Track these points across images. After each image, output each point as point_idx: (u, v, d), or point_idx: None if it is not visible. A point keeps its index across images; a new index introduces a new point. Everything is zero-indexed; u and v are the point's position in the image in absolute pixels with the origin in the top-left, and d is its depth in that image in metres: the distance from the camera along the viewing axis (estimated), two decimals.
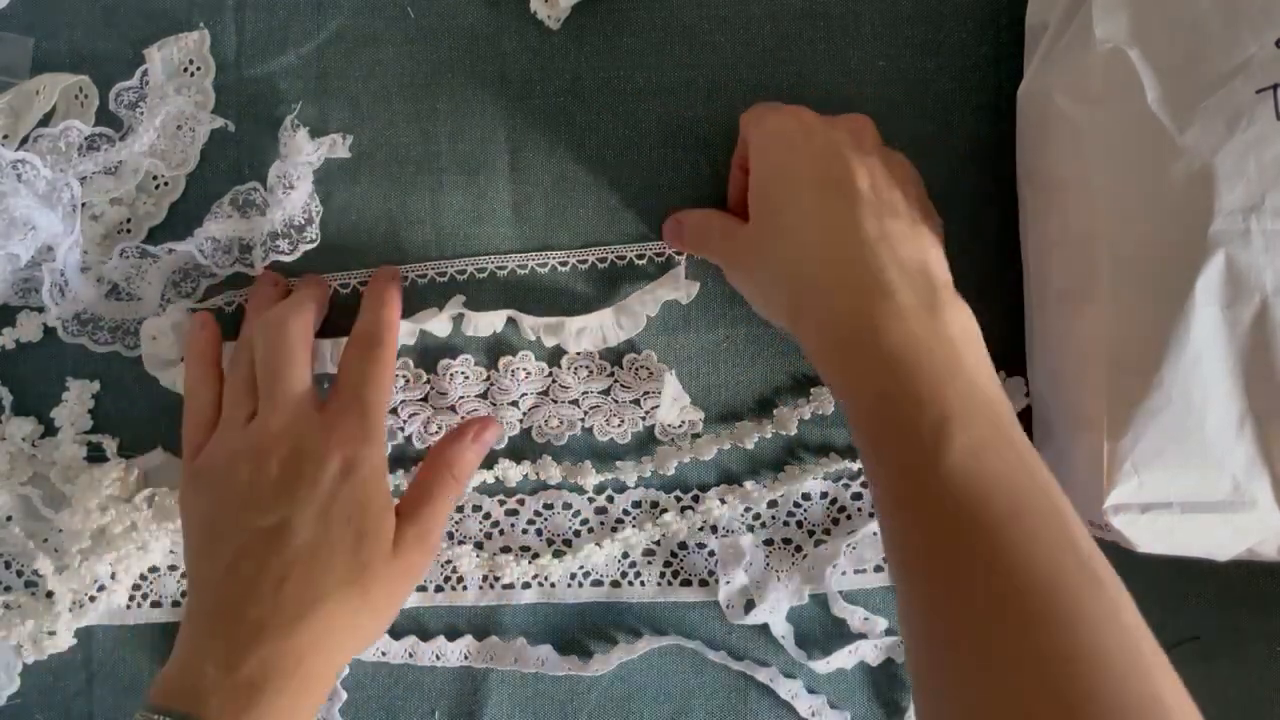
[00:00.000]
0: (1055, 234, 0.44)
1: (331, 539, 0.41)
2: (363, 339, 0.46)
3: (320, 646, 0.40)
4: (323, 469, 0.41)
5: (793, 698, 0.49)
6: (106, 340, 0.50)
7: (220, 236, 0.50)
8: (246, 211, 0.50)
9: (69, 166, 0.49)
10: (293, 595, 0.40)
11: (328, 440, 0.42)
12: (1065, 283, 0.44)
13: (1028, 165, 0.46)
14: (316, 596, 0.40)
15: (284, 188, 0.49)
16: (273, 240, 0.50)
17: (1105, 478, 0.40)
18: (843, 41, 0.50)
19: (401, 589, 0.43)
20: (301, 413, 0.43)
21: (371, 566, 0.41)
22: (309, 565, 0.40)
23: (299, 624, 0.39)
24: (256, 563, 0.40)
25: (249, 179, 0.51)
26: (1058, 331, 0.45)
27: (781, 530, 0.50)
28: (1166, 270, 0.39)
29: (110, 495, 0.49)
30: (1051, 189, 0.44)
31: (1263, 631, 0.49)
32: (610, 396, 0.51)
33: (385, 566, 0.41)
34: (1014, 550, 0.33)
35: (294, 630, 0.39)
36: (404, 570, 0.42)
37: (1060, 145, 0.43)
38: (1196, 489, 0.40)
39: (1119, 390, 0.40)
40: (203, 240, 0.49)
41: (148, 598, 0.51)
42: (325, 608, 0.40)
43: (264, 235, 0.50)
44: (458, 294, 0.50)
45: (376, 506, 0.42)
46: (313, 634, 0.39)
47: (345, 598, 0.40)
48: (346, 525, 0.41)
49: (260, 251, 0.50)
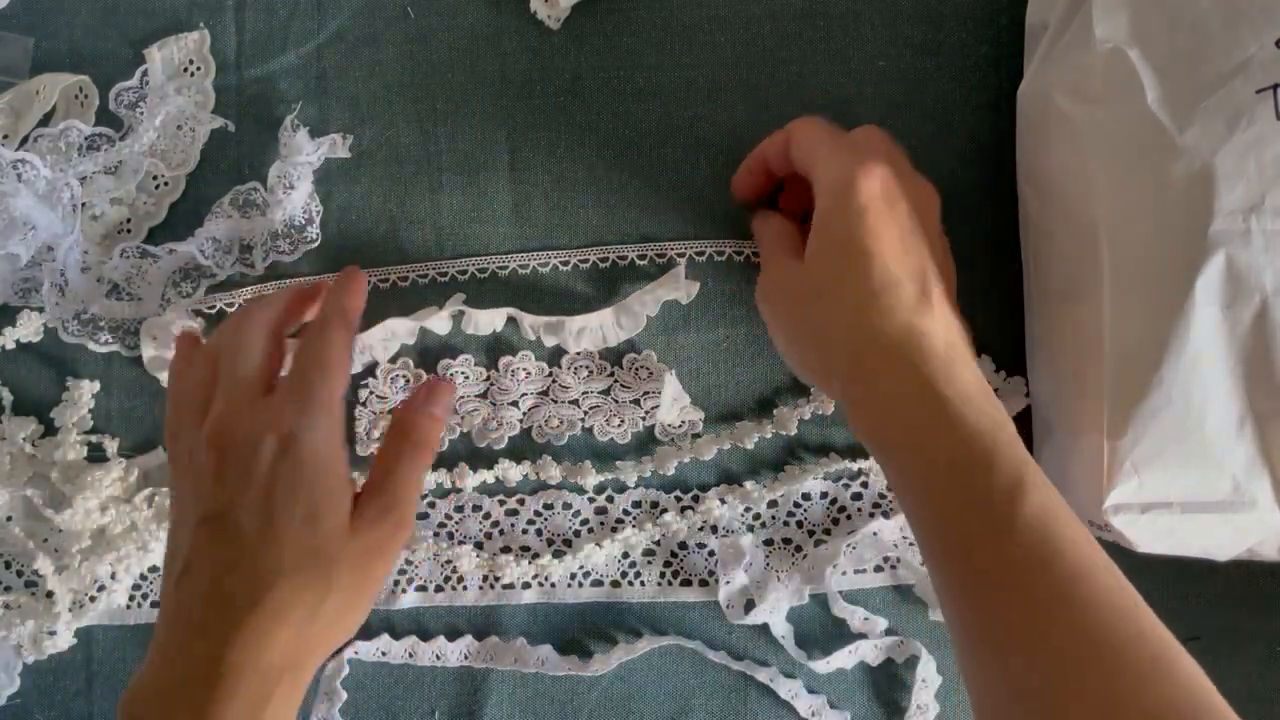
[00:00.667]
0: (1055, 234, 0.44)
1: (277, 522, 0.38)
2: (315, 324, 0.42)
3: (275, 638, 0.37)
4: (258, 450, 0.38)
5: (793, 698, 0.49)
6: (106, 340, 0.50)
7: (221, 237, 0.50)
8: (247, 211, 0.50)
9: (69, 166, 0.49)
10: (240, 586, 0.37)
11: (264, 421, 0.39)
12: (1065, 283, 0.44)
13: (1028, 165, 0.46)
14: (265, 584, 0.37)
15: (284, 188, 0.49)
16: (273, 240, 0.50)
17: (1105, 478, 0.40)
18: (843, 41, 0.50)
19: (372, 568, 0.40)
20: (244, 398, 0.40)
21: (327, 547, 0.38)
22: (256, 553, 0.38)
23: (248, 615, 0.37)
24: (205, 556, 0.38)
25: (249, 179, 0.51)
26: (1058, 331, 0.45)
27: (781, 530, 0.50)
28: (1167, 270, 0.39)
29: (110, 495, 0.49)
30: (1051, 189, 0.44)
31: (1263, 631, 0.49)
32: (610, 396, 0.51)
33: (344, 546, 0.39)
34: (1086, 611, 0.34)
35: (242, 623, 0.37)
36: (370, 547, 0.39)
37: (1060, 145, 0.43)
38: (1196, 489, 0.40)
39: (1119, 390, 0.40)
40: (203, 240, 0.49)
41: (148, 598, 0.51)
42: (276, 595, 0.37)
43: (264, 235, 0.50)
44: (458, 293, 0.50)
45: (326, 484, 0.39)
46: (264, 625, 0.37)
47: (301, 584, 0.38)
48: (292, 506, 0.38)
49: (261, 251, 0.50)
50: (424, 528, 0.51)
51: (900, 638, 0.49)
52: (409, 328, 0.49)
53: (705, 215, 0.50)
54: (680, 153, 0.50)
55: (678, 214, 0.50)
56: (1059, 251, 0.44)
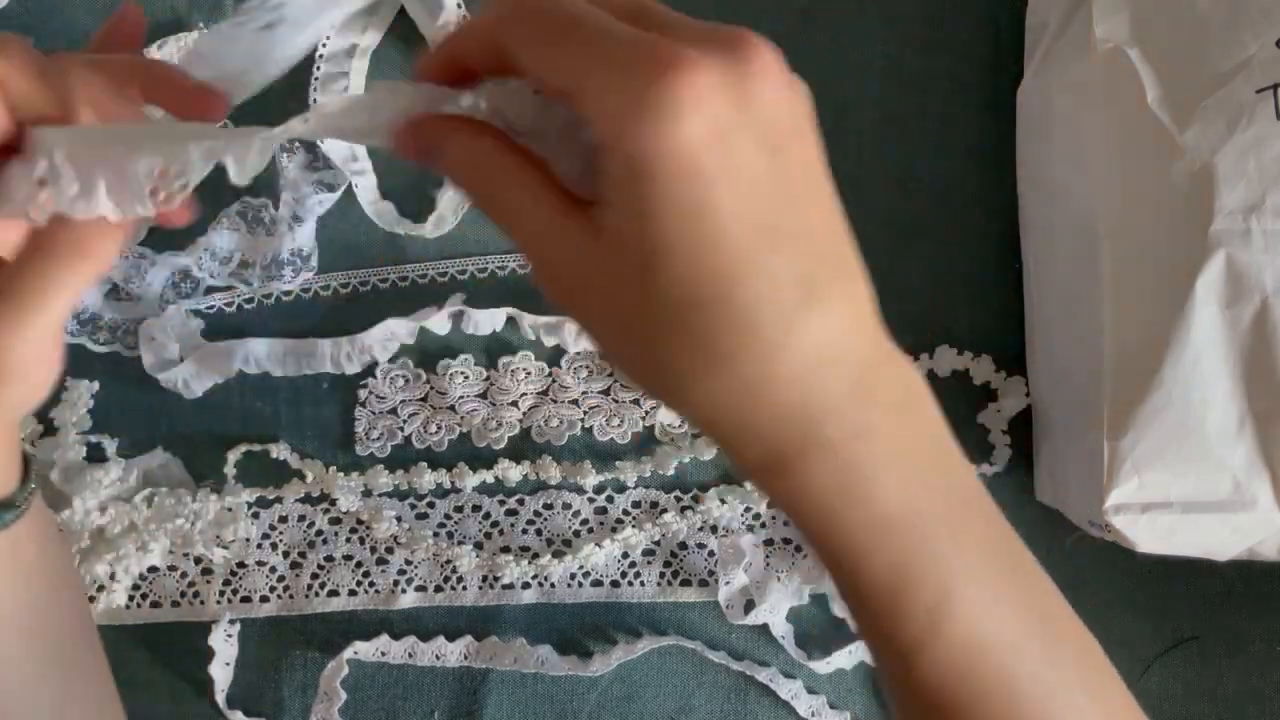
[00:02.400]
0: (1056, 233, 0.44)
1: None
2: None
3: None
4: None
5: (793, 698, 0.49)
6: (107, 340, 0.50)
7: (222, 247, 0.50)
8: (254, 229, 0.50)
9: None
10: None
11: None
12: (1066, 282, 0.44)
13: (1028, 165, 0.47)
14: None
15: (292, 219, 0.49)
16: (276, 267, 0.50)
17: (1106, 478, 0.40)
18: (843, 40, 0.50)
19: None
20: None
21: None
22: None
23: None
24: None
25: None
26: (1058, 331, 0.45)
27: (781, 530, 0.50)
28: (1167, 270, 0.39)
29: (109, 495, 0.49)
30: (1052, 188, 0.44)
31: (1263, 631, 0.49)
32: (610, 396, 0.51)
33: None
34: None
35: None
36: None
37: (1060, 145, 0.43)
38: (1197, 489, 0.40)
39: (1120, 390, 0.40)
40: (201, 252, 0.49)
41: (147, 598, 0.51)
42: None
43: (268, 258, 0.50)
44: (457, 293, 0.49)
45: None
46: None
47: None
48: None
49: (260, 272, 0.50)
50: (423, 528, 0.51)
51: None
52: (409, 328, 0.49)
53: None
54: None
55: None
56: (1059, 251, 0.44)
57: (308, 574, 0.51)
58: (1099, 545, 0.47)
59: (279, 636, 0.51)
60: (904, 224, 0.50)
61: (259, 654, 0.51)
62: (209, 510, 0.49)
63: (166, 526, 0.49)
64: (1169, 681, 0.49)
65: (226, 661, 0.50)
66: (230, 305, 0.51)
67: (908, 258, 0.50)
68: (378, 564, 0.51)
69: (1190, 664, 0.49)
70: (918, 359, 0.49)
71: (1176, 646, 0.49)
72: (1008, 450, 0.49)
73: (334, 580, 0.51)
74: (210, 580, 0.51)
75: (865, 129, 0.50)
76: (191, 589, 0.51)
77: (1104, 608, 0.49)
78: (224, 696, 0.49)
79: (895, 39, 0.50)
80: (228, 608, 0.50)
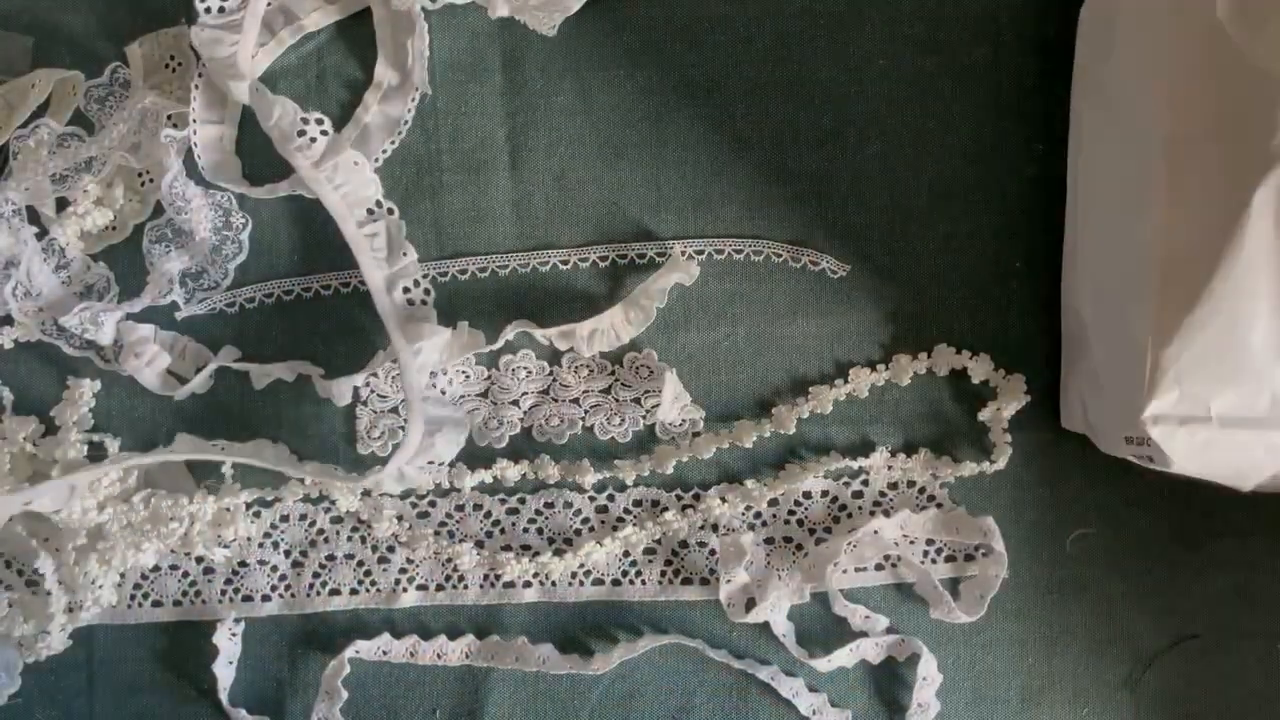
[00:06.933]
0: (1112, 145, 0.44)
1: None
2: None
3: None
4: None
5: (794, 696, 0.49)
6: (80, 345, 0.50)
7: (176, 268, 0.50)
8: (185, 239, 0.50)
9: (40, 166, 0.48)
10: None
11: None
12: (1120, 193, 0.43)
13: (1086, 79, 0.46)
14: None
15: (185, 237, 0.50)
16: (196, 277, 0.50)
17: (1146, 388, 0.40)
18: (842, 40, 0.50)
19: None
20: None
21: None
22: None
23: None
24: None
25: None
26: (1109, 242, 0.44)
27: (782, 529, 0.50)
28: (1224, 181, 0.38)
29: (109, 494, 0.49)
30: (1110, 100, 0.44)
31: (1263, 631, 0.49)
32: (611, 395, 0.51)
33: None
34: None
35: None
36: None
37: (1125, 55, 0.42)
38: (1237, 404, 0.39)
39: (1169, 299, 0.39)
40: (164, 282, 0.49)
41: (148, 597, 0.51)
42: None
43: (193, 267, 0.50)
44: (462, 321, 0.50)
45: None
46: None
47: None
48: None
49: (194, 283, 0.50)
50: (424, 526, 0.51)
51: (901, 636, 0.50)
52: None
53: (705, 214, 0.50)
54: (680, 151, 0.50)
55: (678, 212, 0.50)
56: (1115, 163, 0.43)
57: (309, 573, 0.51)
58: (1099, 545, 0.47)
59: (280, 635, 0.51)
60: (904, 223, 0.50)
61: (260, 653, 0.51)
62: (207, 511, 0.49)
63: (161, 529, 0.49)
64: (1169, 680, 0.49)
65: (230, 660, 0.50)
66: (231, 306, 0.51)
67: (908, 257, 0.50)
68: (379, 563, 0.51)
69: (1190, 662, 0.49)
70: (917, 358, 0.49)
71: (1176, 645, 0.49)
72: (1008, 449, 0.49)
73: (335, 579, 0.51)
74: (212, 579, 0.51)
75: (865, 129, 0.50)
76: (193, 588, 0.51)
77: (1104, 607, 0.49)
78: (226, 695, 0.50)
79: (895, 38, 0.50)
80: (230, 607, 0.50)
